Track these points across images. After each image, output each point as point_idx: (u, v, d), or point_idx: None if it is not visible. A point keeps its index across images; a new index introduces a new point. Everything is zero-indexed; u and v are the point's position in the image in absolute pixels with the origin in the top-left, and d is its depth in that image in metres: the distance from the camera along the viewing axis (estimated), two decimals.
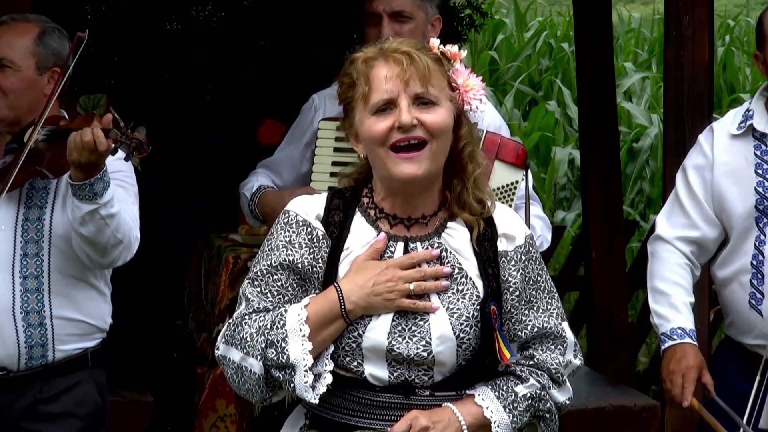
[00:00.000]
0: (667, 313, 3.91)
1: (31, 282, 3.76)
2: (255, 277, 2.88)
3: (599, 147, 6.11)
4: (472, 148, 2.89)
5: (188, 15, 6.55)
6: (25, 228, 3.77)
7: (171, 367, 6.23)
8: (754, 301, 3.91)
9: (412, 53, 2.82)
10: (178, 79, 6.11)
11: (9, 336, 3.72)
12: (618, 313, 6.05)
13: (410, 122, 2.78)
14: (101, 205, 3.63)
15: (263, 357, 2.79)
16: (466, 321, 2.82)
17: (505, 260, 2.89)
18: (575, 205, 10.82)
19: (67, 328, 3.81)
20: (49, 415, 3.80)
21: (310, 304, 2.81)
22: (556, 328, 2.92)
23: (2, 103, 3.80)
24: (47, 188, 3.79)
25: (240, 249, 4.81)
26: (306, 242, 2.87)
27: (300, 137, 4.37)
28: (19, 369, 3.75)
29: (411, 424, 2.79)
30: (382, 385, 2.83)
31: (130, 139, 3.56)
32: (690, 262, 3.98)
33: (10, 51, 3.81)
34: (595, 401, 5.07)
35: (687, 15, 4.97)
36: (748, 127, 3.95)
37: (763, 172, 3.91)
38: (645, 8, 15.87)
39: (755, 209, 3.90)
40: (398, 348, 2.80)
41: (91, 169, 3.58)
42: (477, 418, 2.83)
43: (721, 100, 12.02)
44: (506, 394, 2.86)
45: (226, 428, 4.67)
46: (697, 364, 3.84)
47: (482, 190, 2.90)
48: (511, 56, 13.29)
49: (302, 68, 6.06)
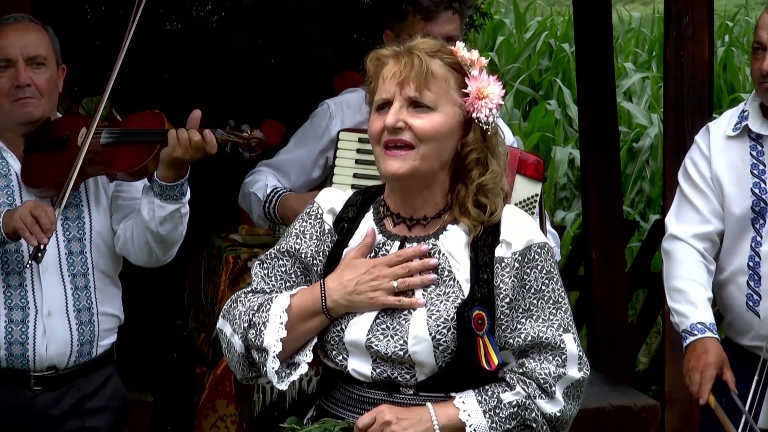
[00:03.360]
0: (686, 310, 3.86)
1: (80, 280, 3.79)
2: (265, 258, 2.98)
3: (599, 147, 6.11)
4: (479, 156, 2.87)
5: (188, 15, 6.55)
6: (66, 227, 3.78)
7: (171, 367, 6.24)
8: (751, 303, 3.90)
9: (418, 55, 2.82)
10: (178, 79, 6.11)
11: (63, 335, 3.75)
12: (618, 313, 6.05)
13: (393, 124, 2.81)
14: (183, 204, 3.70)
15: (244, 336, 2.88)
16: (444, 323, 2.81)
17: (500, 266, 2.86)
18: (575, 205, 10.82)
19: (107, 323, 3.86)
20: (92, 410, 3.84)
21: (297, 294, 2.89)
22: (554, 339, 2.86)
23: (38, 104, 3.78)
24: (78, 187, 3.79)
25: (240, 249, 4.81)
26: (316, 234, 2.95)
27: (314, 142, 4.34)
28: (66, 367, 3.77)
29: (375, 417, 2.81)
30: (366, 380, 2.86)
31: (244, 139, 3.63)
32: (704, 259, 3.95)
33: (41, 48, 3.80)
34: (595, 401, 5.07)
35: (687, 15, 4.98)
36: (744, 128, 3.95)
37: (759, 173, 3.91)
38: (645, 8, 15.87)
39: (751, 210, 3.90)
40: (377, 345, 2.83)
41: (182, 169, 3.63)
42: (452, 420, 2.82)
43: (721, 100, 12.02)
44: (489, 400, 2.84)
45: (227, 428, 4.67)
46: (717, 361, 3.78)
47: (489, 198, 2.88)
48: (511, 57, 13.28)
49: (302, 68, 6.07)
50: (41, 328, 3.71)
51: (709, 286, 3.93)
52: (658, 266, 6.33)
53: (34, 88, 3.75)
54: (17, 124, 3.79)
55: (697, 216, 3.97)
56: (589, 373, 2.94)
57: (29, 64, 3.76)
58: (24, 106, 3.76)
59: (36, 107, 3.77)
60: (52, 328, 3.72)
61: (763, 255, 3.88)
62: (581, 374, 2.90)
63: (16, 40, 3.77)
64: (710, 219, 3.95)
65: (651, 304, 7.37)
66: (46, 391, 3.76)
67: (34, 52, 3.77)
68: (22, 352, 3.71)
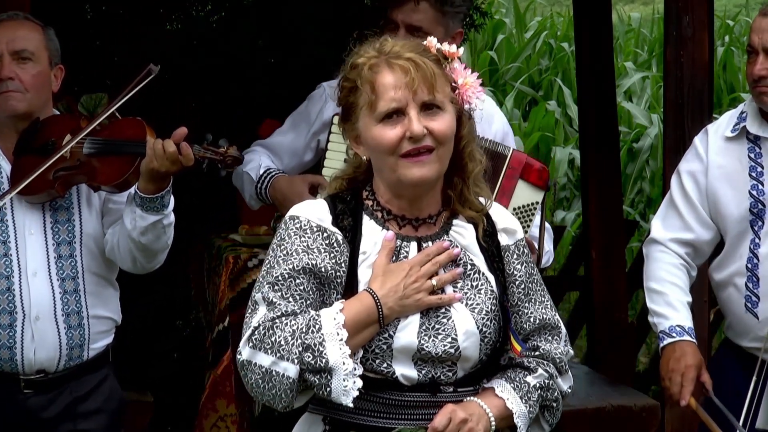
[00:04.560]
0: (664, 311, 3.92)
1: (69, 283, 3.77)
2: (275, 281, 2.83)
3: (599, 147, 6.10)
4: (471, 147, 2.93)
5: (188, 15, 6.55)
6: (56, 230, 3.77)
7: (171, 367, 6.23)
8: (749, 304, 3.91)
9: (416, 60, 2.83)
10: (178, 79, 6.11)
11: (51, 339, 3.73)
12: (618, 313, 6.05)
13: (422, 132, 2.81)
14: (165, 216, 3.68)
15: (300, 360, 2.75)
16: (487, 315, 2.87)
17: (509, 254, 2.97)
18: (575, 205, 10.82)
19: (99, 326, 3.85)
20: (85, 413, 3.83)
21: (345, 308, 2.80)
22: (553, 319, 3.01)
23: (22, 98, 3.78)
24: (70, 190, 3.79)
25: (240, 249, 4.80)
26: (324, 247, 2.86)
27: (307, 125, 4.33)
28: (56, 371, 3.76)
29: (450, 417, 2.82)
30: (411, 384, 2.85)
31: (220, 155, 3.63)
32: (685, 263, 3.99)
33: (29, 44, 3.80)
34: (595, 401, 5.07)
35: (687, 15, 4.98)
36: (742, 130, 3.95)
37: (757, 174, 3.91)
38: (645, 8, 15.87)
39: (749, 212, 3.90)
40: (427, 347, 2.84)
41: (163, 181, 3.62)
42: (500, 410, 2.89)
43: (721, 100, 12.02)
44: (521, 386, 2.92)
45: (227, 428, 4.67)
46: (696, 363, 3.84)
47: (480, 187, 2.95)
48: (511, 56, 13.29)
49: (302, 68, 6.06)
50: (29, 332, 3.70)
51: (687, 289, 3.98)
52: None
53: (18, 82, 3.75)
54: (3, 118, 3.79)
55: (681, 222, 4.00)
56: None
57: (15, 58, 3.77)
58: (7, 99, 3.76)
59: (19, 101, 3.77)
60: (40, 333, 3.71)
61: (762, 257, 3.88)
62: (570, 348, 3.06)
63: (4, 34, 3.79)
64: (693, 227, 3.99)
65: None
66: (37, 394, 3.75)
67: (20, 46, 3.78)
68: (10, 356, 3.70)
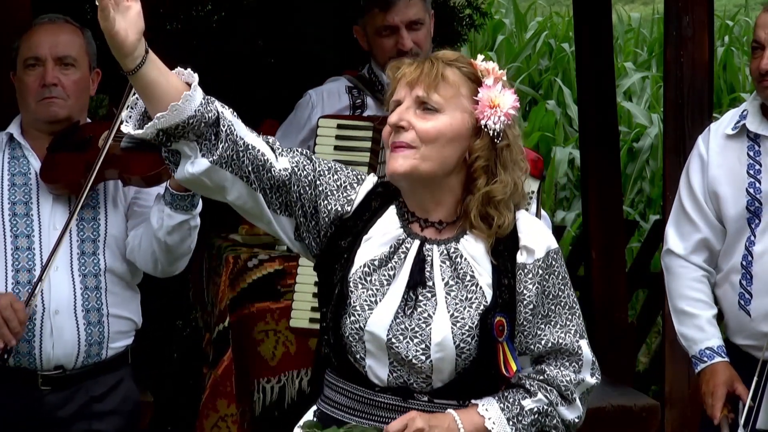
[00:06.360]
0: (693, 335, 3.95)
1: (90, 280, 3.78)
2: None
3: (599, 147, 6.11)
4: (486, 163, 2.86)
5: (188, 15, 6.54)
6: (81, 227, 3.78)
7: (171, 367, 6.23)
8: (743, 302, 3.92)
9: (432, 59, 2.86)
10: None
11: (70, 335, 3.74)
12: (618, 313, 6.05)
13: (396, 122, 2.83)
14: (193, 216, 3.68)
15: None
16: (468, 331, 2.80)
17: (522, 273, 2.86)
18: (575, 205, 10.81)
19: (119, 325, 3.85)
20: (101, 413, 3.83)
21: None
22: (572, 345, 2.90)
23: (64, 104, 3.79)
24: (97, 189, 3.79)
25: (240, 249, 4.80)
26: (344, 183, 2.91)
27: (296, 133, 4.38)
28: (74, 368, 3.77)
29: (407, 424, 2.78)
30: (381, 384, 2.84)
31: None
32: (706, 272, 4.00)
33: (72, 49, 3.81)
34: (595, 401, 5.03)
35: (687, 15, 4.98)
36: (742, 128, 3.95)
37: (755, 172, 3.92)
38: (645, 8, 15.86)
39: (746, 210, 3.91)
40: (398, 347, 2.80)
41: None
42: (478, 428, 2.83)
43: (721, 100, 12.01)
44: (512, 407, 2.85)
45: (228, 428, 4.66)
46: (725, 379, 3.87)
47: (498, 210, 2.86)
48: (510, 56, 13.28)
49: (302, 68, 6.06)
50: (48, 326, 3.71)
51: (712, 301, 3.99)
52: (658, 266, 6.33)
53: (61, 88, 3.77)
54: (43, 123, 3.80)
55: (693, 227, 4.00)
56: (600, 378, 2.96)
57: (58, 63, 3.77)
58: (49, 106, 3.77)
59: (61, 107, 3.78)
60: (59, 327, 3.72)
61: (756, 254, 3.89)
62: (594, 380, 2.94)
63: (47, 40, 3.78)
64: (703, 228, 3.99)
65: (651, 304, 7.37)
66: (54, 391, 3.76)
67: (63, 52, 3.78)
68: (29, 350, 3.71)
